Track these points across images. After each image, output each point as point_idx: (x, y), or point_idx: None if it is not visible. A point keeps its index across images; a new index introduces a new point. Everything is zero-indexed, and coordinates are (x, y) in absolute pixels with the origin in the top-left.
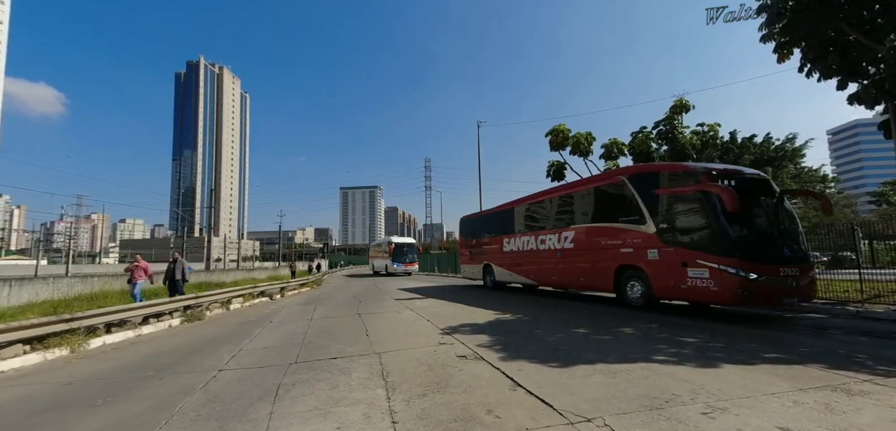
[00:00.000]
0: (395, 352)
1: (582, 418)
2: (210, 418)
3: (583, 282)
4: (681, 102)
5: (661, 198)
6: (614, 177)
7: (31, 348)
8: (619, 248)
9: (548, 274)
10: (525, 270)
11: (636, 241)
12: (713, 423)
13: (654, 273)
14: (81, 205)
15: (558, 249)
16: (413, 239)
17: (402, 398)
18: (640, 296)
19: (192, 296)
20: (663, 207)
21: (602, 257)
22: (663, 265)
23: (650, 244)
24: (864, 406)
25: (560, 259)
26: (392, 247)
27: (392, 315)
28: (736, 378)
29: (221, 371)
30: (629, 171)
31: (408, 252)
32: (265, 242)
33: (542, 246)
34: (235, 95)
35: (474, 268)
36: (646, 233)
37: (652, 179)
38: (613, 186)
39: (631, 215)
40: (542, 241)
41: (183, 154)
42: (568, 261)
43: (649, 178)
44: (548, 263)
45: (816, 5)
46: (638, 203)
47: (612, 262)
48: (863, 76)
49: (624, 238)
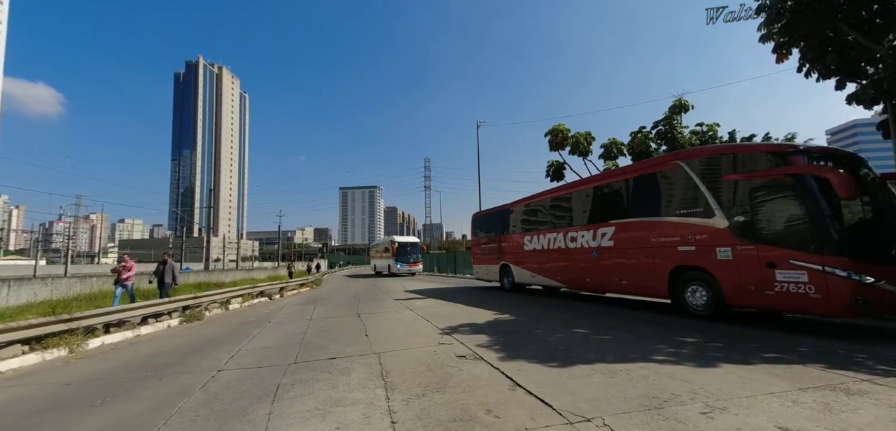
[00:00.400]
0: (394, 352)
1: (581, 418)
2: (209, 418)
3: (626, 286)
4: (680, 102)
5: (736, 185)
6: (668, 162)
7: (29, 348)
8: (676, 246)
9: (579, 276)
10: (551, 271)
11: (700, 237)
12: (712, 423)
13: (726, 275)
14: (80, 206)
15: (593, 248)
16: (417, 239)
17: (402, 398)
18: (704, 303)
19: (191, 296)
20: (738, 196)
21: (652, 256)
22: (739, 266)
23: (720, 240)
24: (862, 406)
25: (596, 259)
26: (395, 247)
27: (391, 315)
28: (735, 378)
29: (220, 372)
30: (688, 155)
31: (411, 251)
32: (264, 242)
33: (573, 244)
34: (235, 95)
35: (489, 269)
36: (714, 228)
37: (720, 163)
38: (667, 174)
39: (692, 207)
40: (572, 239)
41: (182, 154)
42: (606, 262)
43: (716, 162)
44: (580, 263)
45: (815, 5)
46: (702, 192)
47: (666, 262)
48: (861, 76)
49: (682, 233)
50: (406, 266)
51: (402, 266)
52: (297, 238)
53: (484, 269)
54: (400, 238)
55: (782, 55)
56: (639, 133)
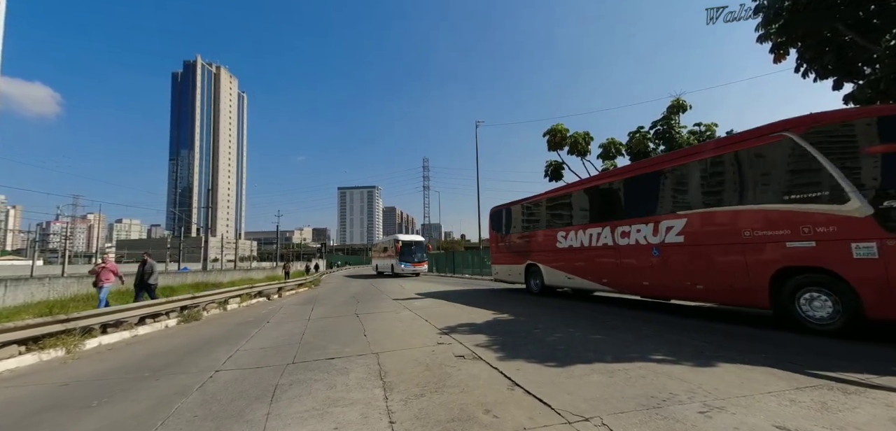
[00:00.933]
0: (392, 352)
1: (580, 417)
2: (207, 418)
3: (701, 291)
4: (678, 102)
5: (885, 159)
6: (767, 136)
7: (26, 349)
8: (783, 241)
9: (632, 278)
10: (592, 272)
11: (825, 230)
12: (710, 422)
13: (867, 279)
14: (77, 206)
15: (654, 245)
16: (422, 237)
17: (400, 398)
18: (830, 316)
19: (189, 297)
20: (889, 174)
21: (744, 255)
22: (889, 267)
23: (857, 233)
24: (860, 405)
25: (657, 259)
26: (399, 246)
27: (390, 315)
28: (733, 378)
29: (218, 372)
30: (801, 123)
31: (416, 250)
32: (263, 242)
33: (624, 240)
34: (233, 95)
35: (512, 269)
36: (848, 217)
37: (856, 131)
38: (766, 150)
39: (810, 190)
40: (623, 235)
41: (180, 153)
42: (673, 261)
43: (849, 131)
44: (634, 263)
45: (813, 5)
46: (826, 170)
47: (767, 262)
48: (859, 76)
49: (794, 225)
50: (411, 266)
51: (407, 266)
52: (295, 238)
53: (505, 269)
54: (404, 236)
55: (780, 56)
56: (637, 133)
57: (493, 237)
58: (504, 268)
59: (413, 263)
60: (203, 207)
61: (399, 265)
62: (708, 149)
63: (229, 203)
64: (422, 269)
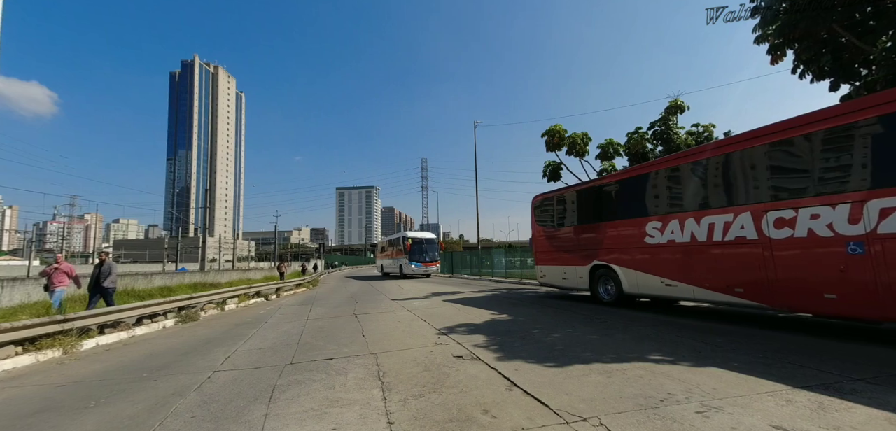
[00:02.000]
0: (391, 353)
1: (578, 417)
2: (205, 419)
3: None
4: (676, 103)
5: None
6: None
7: (23, 349)
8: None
9: (801, 288)
10: (715, 277)
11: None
12: (708, 422)
13: None
14: (74, 206)
15: (851, 237)
16: (432, 235)
17: (399, 398)
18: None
19: (187, 297)
20: None
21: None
22: None
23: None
24: (856, 405)
25: (860, 258)
26: (408, 244)
27: (389, 315)
28: (730, 377)
29: (216, 372)
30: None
31: (427, 249)
32: (261, 242)
33: (780, 232)
34: (231, 94)
35: (568, 271)
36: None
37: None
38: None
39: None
40: (779, 223)
41: (178, 153)
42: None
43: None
44: (808, 266)
45: (810, 7)
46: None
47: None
48: (855, 78)
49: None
50: (421, 266)
51: (418, 266)
52: (293, 238)
53: (556, 272)
54: (413, 233)
55: (777, 57)
56: (635, 133)
57: (538, 233)
58: (555, 270)
59: (424, 263)
60: (201, 207)
61: (409, 265)
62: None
63: (227, 203)
64: (433, 269)
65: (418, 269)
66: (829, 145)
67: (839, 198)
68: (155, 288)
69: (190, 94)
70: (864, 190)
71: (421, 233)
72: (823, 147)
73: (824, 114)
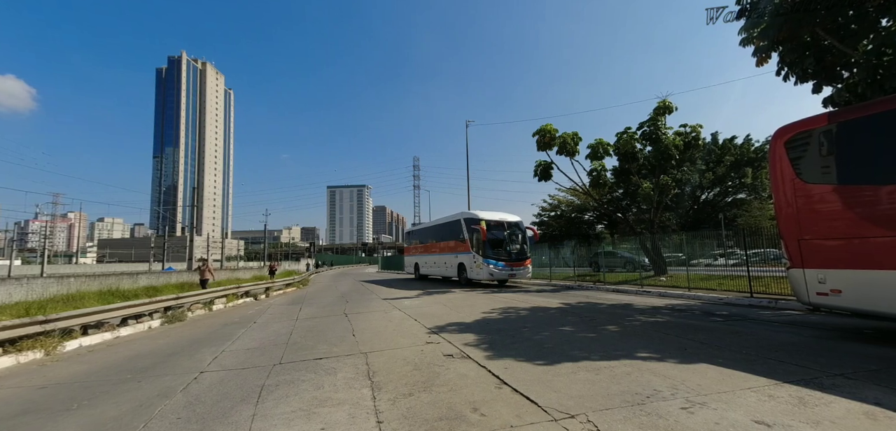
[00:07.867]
0: (381, 352)
1: (566, 414)
2: (191, 421)
3: None
4: (664, 104)
5: None
6: None
7: (2, 351)
8: None
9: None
10: None
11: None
12: (692, 418)
13: None
14: (57, 203)
15: None
16: (518, 217)
17: (388, 397)
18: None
19: (173, 297)
20: None
21: None
22: None
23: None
24: (835, 400)
25: None
26: (483, 230)
27: (379, 315)
28: (715, 374)
29: (203, 373)
30: None
31: (513, 240)
32: (250, 242)
33: None
34: (219, 91)
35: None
36: None
37: None
38: None
39: None
40: None
41: (164, 151)
42: None
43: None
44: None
45: (793, 10)
46: None
47: None
48: (837, 80)
49: None
50: (508, 268)
51: (500, 267)
52: (283, 237)
53: (863, 279)
54: (486, 214)
55: (762, 59)
56: (624, 134)
57: (809, 199)
58: (874, 281)
59: (510, 262)
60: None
61: (484, 264)
62: None
63: (215, 201)
64: (522, 272)
65: (502, 271)
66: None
67: None
68: (141, 288)
69: (177, 91)
70: None
71: (501, 214)
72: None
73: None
